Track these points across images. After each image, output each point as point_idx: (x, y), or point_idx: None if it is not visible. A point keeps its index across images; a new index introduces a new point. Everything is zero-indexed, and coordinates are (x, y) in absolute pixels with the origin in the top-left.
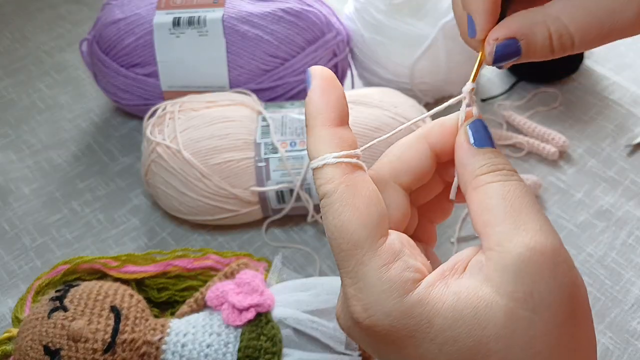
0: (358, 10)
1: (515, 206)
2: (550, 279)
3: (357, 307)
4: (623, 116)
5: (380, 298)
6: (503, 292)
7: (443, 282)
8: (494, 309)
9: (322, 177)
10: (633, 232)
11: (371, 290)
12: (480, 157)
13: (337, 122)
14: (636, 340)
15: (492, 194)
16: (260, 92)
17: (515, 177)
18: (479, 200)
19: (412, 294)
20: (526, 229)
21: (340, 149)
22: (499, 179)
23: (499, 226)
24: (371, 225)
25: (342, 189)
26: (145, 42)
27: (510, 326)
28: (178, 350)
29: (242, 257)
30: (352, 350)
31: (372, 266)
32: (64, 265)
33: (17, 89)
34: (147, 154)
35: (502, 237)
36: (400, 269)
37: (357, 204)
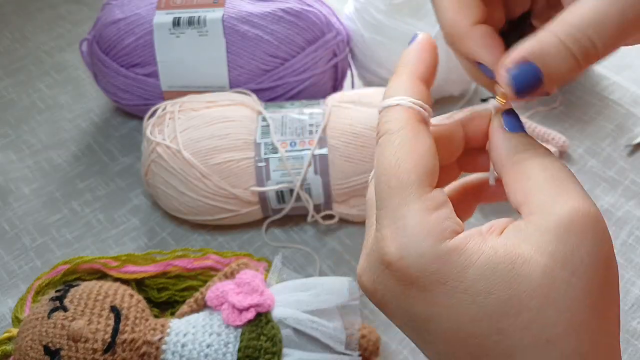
0: (358, 10)
1: (556, 176)
2: (591, 242)
3: (391, 248)
4: (623, 116)
5: (417, 239)
6: (543, 251)
7: (480, 237)
8: (532, 265)
9: (390, 116)
10: (633, 232)
11: (409, 231)
12: (515, 139)
13: (422, 77)
14: (636, 340)
15: (532, 166)
16: (260, 92)
17: (552, 154)
18: (519, 173)
19: (449, 241)
20: (569, 194)
21: (417, 97)
22: (538, 154)
23: (542, 192)
24: (423, 170)
25: (407, 129)
26: (145, 42)
27: (547, 284)
28: (178, 350)
29: (242, 257)
30: (352, 350)
31: (414, 208)
32: (64, 265)
33: (17, 89)
34: (147, 154)
35: (546, 201)
36: (442, 217)
37: (417, 147)
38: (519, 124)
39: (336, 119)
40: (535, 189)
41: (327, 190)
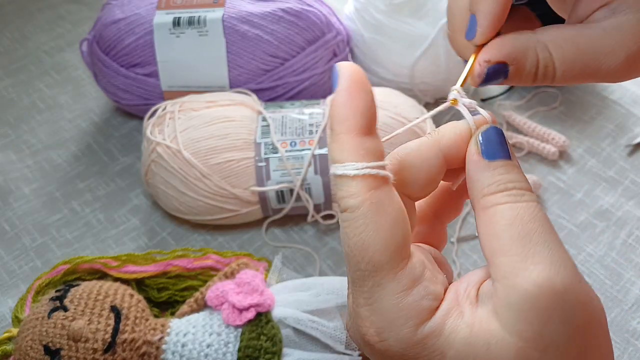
0: (358, 10)
1: (523, 233)
2: (560, 319)
3: (369, 330)
4: (623, 116)
5: (395, 325)
6: (511, 330)
7: (457, 311)
8: (505, 347)
9: (345, 190)
10: (633, 232)
11: (386, 316)
12: (489, 173)
13: (364, 131)
14: (636, 340)
15: (499, 218)
16: (260, 92)
17: (525, 198)
18: (486, 223)
19: (427, 323)
20: (534, 262)
21: (365, 160)
22: (508, 200)
23: (506, 256)
24: (394, 247)
25: (367, 206)
26: (145, 42)
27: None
28: (178, 350)
29: (242, 257)
30: (352, 350)
31: (389, 290)
32: (64, 265)
33: (17, 89)
34: (147, 154)
35: (509, 270)
36: (419, 297)
37: (382, 224)
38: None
39: None
40: (499, 250)
41: (327, 190)
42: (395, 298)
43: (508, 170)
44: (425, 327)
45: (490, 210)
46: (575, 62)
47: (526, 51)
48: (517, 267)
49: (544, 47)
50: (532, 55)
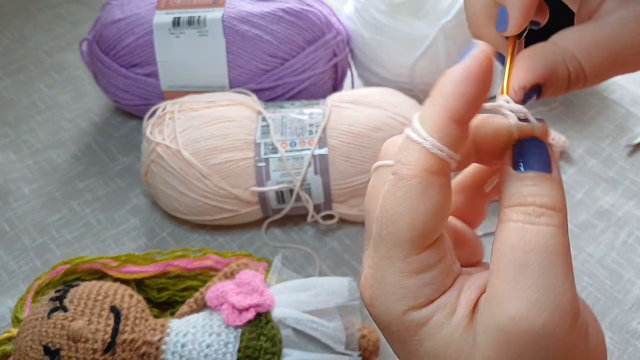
0: (358, 10)
1: (520, 262)
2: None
3: (366, 292)
4: (623, 116)
5: (389, 299)
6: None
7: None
8: None
9: (406, 155)
10: (633, 232)
11: (383, 286)
12: (515, 184)
13: (458, 118)
14: (636, 340)
15: (506, 236)
16: (260, 92)
17: (542, 220)
18: (496, 238)
19: (420, 311)
20: (520, 296)
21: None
22: (520, 219)
23: (498, 279)
24: (419, 233)
25: (415, 182)
26: (145, 42)
27: None
28: (178, 351)
29: (242, 257)
30: (352, 350)
31: (396, 267)
32: (64, 265)
33: (17, 89)
34: (147, 154)
35: (495, 295)
36: (422, 283)
37: (419, 207)
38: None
39: (336, 119)
40: (496, 272)
41: (327, 190)
42: (399, 276)
43: (537, 183)
44: (416, 314)
45: (502, 225)
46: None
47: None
48: (502, 295)
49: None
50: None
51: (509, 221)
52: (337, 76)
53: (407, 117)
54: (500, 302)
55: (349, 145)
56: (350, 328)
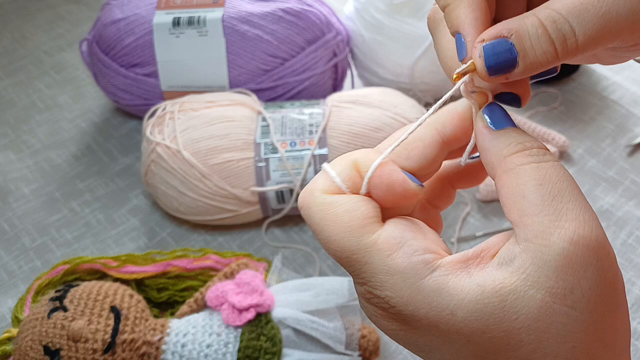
0: (358, 10)
1: (554, 193)
2: (593, 275)
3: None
4: (623, 116)
5: (396, 289)
6: (540, 286)
7: (465, 272)
8: (526, 300)
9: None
10: (633, 232)
11: (385, 284)
12: (504, 138)
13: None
14: (636, 340)
15: (526, 178)
16: (260, 92)
17: (549, 157)
18: (512, 185)
19: (428, 279)
20: (568, 220)
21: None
22: (532, 161)
23: (538, 216)
24: (356, 226)
25: (319, 203)
26: (145, 42)
27: (545, 319)
28: (178, 351)
29: (242, 257)
30: (352, 350)
31: (376, 262)
32: (64, 266)
33: (17, 89)
34: (147, 154)
35: (542, 229)
36: (407, 255)
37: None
38: (505, 117)
39: (336, 119)
40: (531, 211)
41: None
42: (385, 265)
43: (520, 133)
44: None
45: (515, 171)
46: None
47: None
48: (551, 225)
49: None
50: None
51: (522, 165)
52: (337, 76)
53: (407, 117)
54: (551, 232)
55: (349, 145)
56: (350, 328)
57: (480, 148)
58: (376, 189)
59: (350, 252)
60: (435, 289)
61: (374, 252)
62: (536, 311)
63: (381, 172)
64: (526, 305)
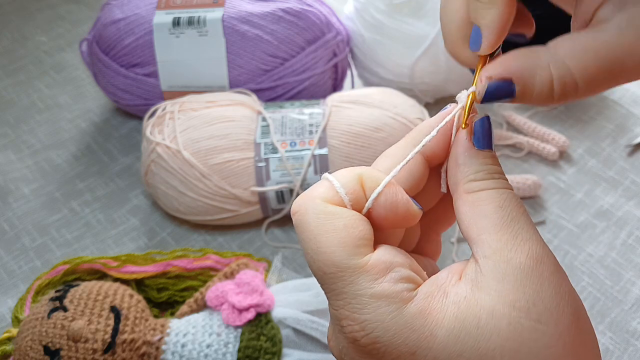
0: (358, 10)
1: (512, 216)
2: (550, 287)
3: (354, 327)
4: (623, 116)
5: (377, 313)
6: (504, 301)
7: (441, 292)
8: (497, 318)
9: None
10: (633, 232)
11: (366, 308)
12: (479, 161)
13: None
14: (636, 340)
15: (488, 201)
16: (260, 92)
17: (509, 187)
18: (474, 205)
19: (410, 304)
20: (524, 239)
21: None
22: (495, 186)
23: (497, 234)
24: (351, 244)
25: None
26: (145, 42)
27: (515, 337)
28: (178, 351)
29: (242, 257)
30: None
31: (362, 284)
32: (64, 266)
33: (17, 89)
34: (147, 154)
35: (501, 246)
36: (393, 281)
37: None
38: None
39: (336, 119)
40: (491, 229)
41: None
42: (370, 289)
43: (494, 162)
44: (410, 307)
45: (477, 194)
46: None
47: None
48: (509, 243)
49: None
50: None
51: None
52: (337, 76)
53: (407, 117)
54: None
55: (349, 145)
56: None
57: (453, 158)
58: (380, 207)
59: (338, 269)
60: (417, 312)
61: (362, 273)
62: (506, 328)
63: (387, 191)
64: (497, 324)
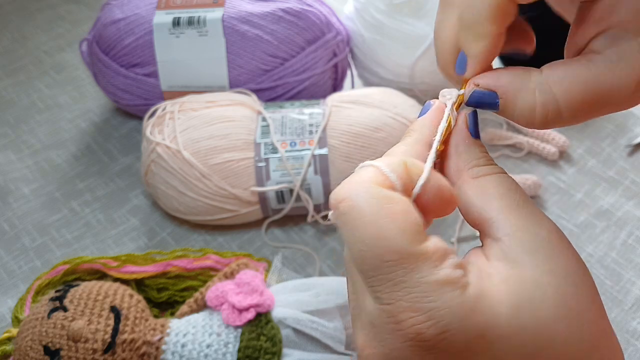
0: (358, 10)
1: (523, 198)
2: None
3: (417, 318)
4: (623, 116)
5: (445, 299)
6: (542, 271)
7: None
8: (543, 287)
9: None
10: (633, 232)
11: (432, 295)
12: (478, 149)
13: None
14: (636, 340)
15: (495, 184)
16: (260, 92)
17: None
18: (482, 188)
19: (470, 288)
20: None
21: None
22: (498, 171)
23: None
24: (410, 230)
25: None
26: (145, 42)
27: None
28: (178, 351)
29: (242, 257)
30: (352, 351)
31: (425, 270)
32: (64, 266)
33: (17, 89)
34: (147, 154)
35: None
36: (452, 267)
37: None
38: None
39: (336, 119)
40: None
41: (327, 190)
42: (433, 275)
43: (486, 150)
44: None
45: (484, 178)
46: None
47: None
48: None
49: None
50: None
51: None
52: (337, 76)
53: (407, 117)
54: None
55: (348, 145)
56: (350, 328)
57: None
58: (428, 193)
59: (400, 256)
60: (478, 295)
61: (425, 260)
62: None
63: (433, 176)
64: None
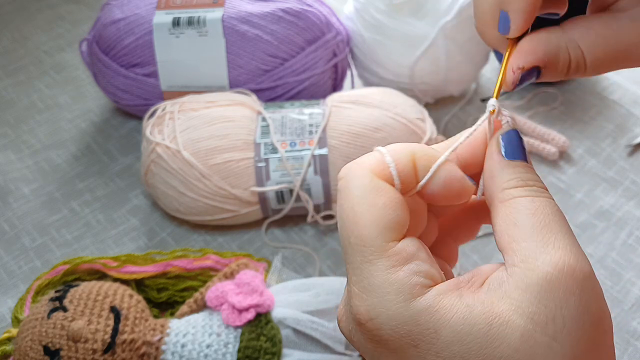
0: (358, 10)
1: (544, 223)
2: (576, 305)
3: (360, 308)
4: (623, 116)
5: (385, 300)
6: (522, 312)
7: (456, 293)
8: (510, 328)
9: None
10: (633, 232)
11: (376, 291)
12: (510, 170)
13: None
14: (636, 340)
15: (520, 208)
16: (260, 92)
17: (545, 194)
18: (506, 214)
19: (419, 299)
20: (555, 247)
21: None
22: (529, 194)
23: (526, 242)
24: (383, 225)
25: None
26: (145, 42)
27: (525, 350)
28: (178, 351)
29: (242, 257)
30: (352, 351)
31: (379, 266)
32: (64, 266)
33: (17, 89)
34: (147, 154)
35: (528, 254)
36: (410, 272)
37: (375, 202)
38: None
39: (336, 119)
40: (521, 237)
41: (327, 190)
42: (385, 273)
43: (527, 170)
44: (418, 301)
45: (511, 202)
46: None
47: (558, 53)
48: (538, 251)
49: (576, 46)
50: (564, 55)
51: (519, 197)
52: (337, 76)
53: (407, 117)
54: (537, 257)
55: (348, 145)
56: None
57: (486, 172)
58: (435, 184)
59: (362, 243)
60: (425, 308)
61: (382, 256)
62: (518, 340)
63: (443, 168)
64: (509, 334)
